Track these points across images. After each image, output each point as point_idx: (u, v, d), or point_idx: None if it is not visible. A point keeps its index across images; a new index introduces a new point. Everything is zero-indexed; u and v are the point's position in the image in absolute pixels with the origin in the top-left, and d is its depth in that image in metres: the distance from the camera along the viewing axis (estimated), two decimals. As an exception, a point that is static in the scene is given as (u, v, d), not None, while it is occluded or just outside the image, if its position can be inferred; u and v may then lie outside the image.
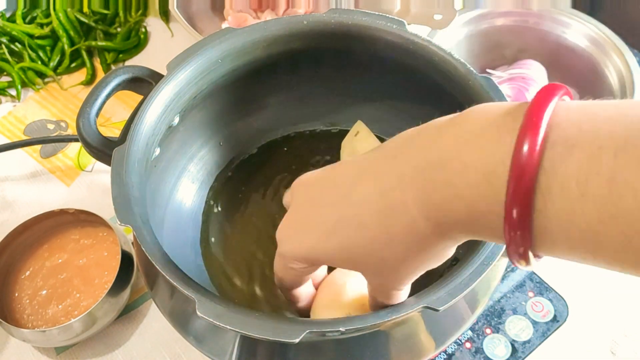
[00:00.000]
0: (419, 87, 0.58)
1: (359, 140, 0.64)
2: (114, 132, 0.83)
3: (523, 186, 0.27)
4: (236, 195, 0.65)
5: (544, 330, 0.65)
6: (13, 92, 0.89)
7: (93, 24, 0.93)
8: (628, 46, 0.79)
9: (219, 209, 0.64)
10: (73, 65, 0.92)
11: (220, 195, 0.65)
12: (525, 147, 0.27)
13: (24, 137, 0.85)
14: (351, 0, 0.77)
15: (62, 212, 0.67)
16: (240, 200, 0.65)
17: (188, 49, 0.54)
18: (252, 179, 0.66)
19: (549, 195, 0.27)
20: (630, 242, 0.25)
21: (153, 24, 0.98)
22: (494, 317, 0.66)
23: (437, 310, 0.40)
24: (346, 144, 0.65)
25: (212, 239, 0.62)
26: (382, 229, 0.34)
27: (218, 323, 0.39)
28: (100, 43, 0.92)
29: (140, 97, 0.53)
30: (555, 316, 0.66)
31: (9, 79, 0.90)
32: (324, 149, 0.66)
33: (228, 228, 0.63)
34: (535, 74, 0.80)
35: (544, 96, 0.28)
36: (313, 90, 0.65)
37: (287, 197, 0.44)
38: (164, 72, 0.53)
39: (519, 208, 0.27)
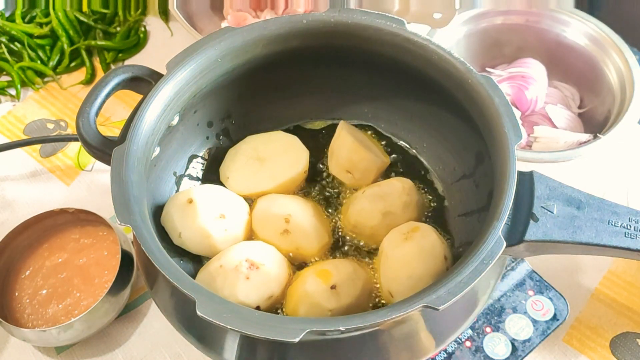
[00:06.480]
0: (418, 86, 0.58)
1: (335, 140, 0.64)
2: (114, 132, 0.83)
3: None
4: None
5: (544, 328, 0.65)
6: (12, 91, 0.89)
7: (92, 23, 0.93)
8: (627, 44, 0.79)
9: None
10: (72, 64, 0.92)
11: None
12: None
13: (24, 137, 0.85)
14: (351, -1, 0.77)
15: (62, 212, 0.67)
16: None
17: (187, 48, 0.54)
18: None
19: None
20: None
21: (152, 23, 0.98)
22: (494, 316, 0.66)
23: (437, 309, 0.40)
24: (331, 146, 0.65)
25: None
26: None
27: (218, 323, 0.39)
28: (99, 42, 0.91)
29: (140, 97, 0.53)
30: (555, 315, 0.65)
31: (8, 78, 0.90)
32: (324, 146, 0.66)
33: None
34: (534, 73, 0.80)
35: None
36: (312, 89, 0.65)
37: None
38: (163, 71, 0.53)
39: None
